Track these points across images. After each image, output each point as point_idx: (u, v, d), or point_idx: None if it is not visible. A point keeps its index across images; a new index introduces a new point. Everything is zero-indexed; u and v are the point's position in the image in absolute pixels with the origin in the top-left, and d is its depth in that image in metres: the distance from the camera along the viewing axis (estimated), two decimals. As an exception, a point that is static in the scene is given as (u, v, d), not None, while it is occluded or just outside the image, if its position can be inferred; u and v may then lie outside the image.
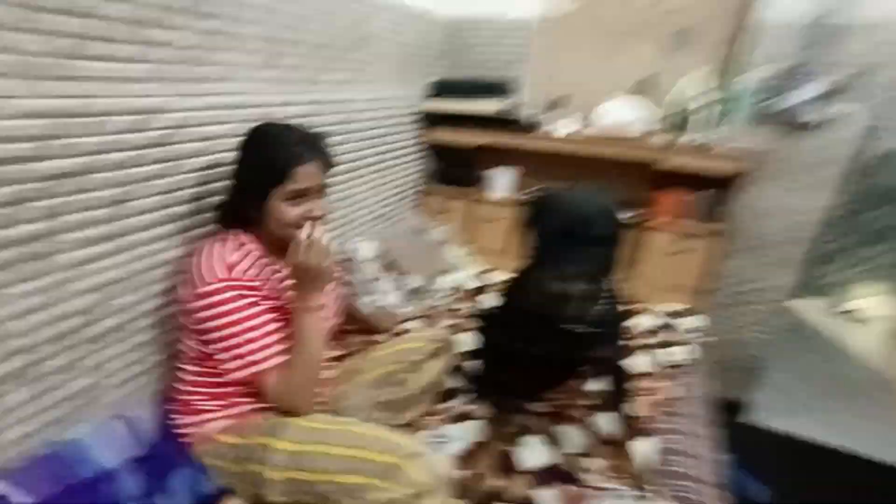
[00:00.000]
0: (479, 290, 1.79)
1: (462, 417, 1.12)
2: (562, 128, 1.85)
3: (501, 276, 1.97)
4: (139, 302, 0.93)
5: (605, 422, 1.10)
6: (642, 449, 1.03)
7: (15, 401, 0.77)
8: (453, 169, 2.10)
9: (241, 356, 0.83)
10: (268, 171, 0.85)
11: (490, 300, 1.78)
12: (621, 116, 1.77)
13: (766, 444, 1.99)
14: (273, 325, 0.86)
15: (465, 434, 1.06)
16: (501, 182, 1.99)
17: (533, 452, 1.02)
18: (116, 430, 0.88)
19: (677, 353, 1.47)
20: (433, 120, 1.99)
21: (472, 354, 1.22)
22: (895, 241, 3.29)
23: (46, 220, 0.75)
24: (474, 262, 2.03)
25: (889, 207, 3.53)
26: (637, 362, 1.36)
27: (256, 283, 0.87)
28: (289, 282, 0.92)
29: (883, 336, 2.92)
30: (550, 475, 0.96)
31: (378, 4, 1.54)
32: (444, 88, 1.97)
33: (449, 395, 1.19)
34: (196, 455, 0.90)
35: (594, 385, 1.17)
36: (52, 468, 0.77)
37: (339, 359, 1.17)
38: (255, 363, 0.83)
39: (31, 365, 0.78)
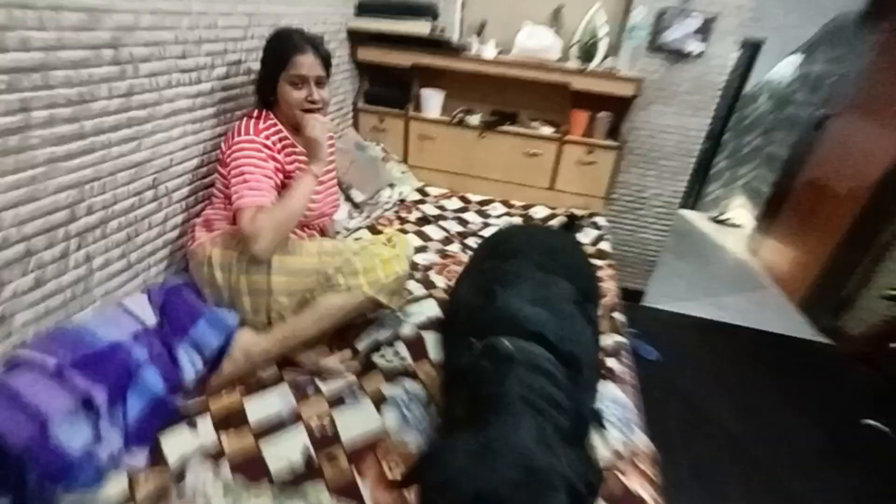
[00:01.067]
0: (422, 201, 1.98)
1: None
2: (486, 52, 1.99)
3: (438, 190, 2.17)
4: (115, 202, 1.00)
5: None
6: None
7: (23, 285, 0.85)
8: (387, 88, 2.18)
9: (237, 191, 1.01)
10: (275, 59, 1.09)
11: (430, 209, 1.98)
12: (539, 42, 1.95)
13: (659, 321, 2.47)
14: (270, 179, 1.05)
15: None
16: (433, 101, 2.12)
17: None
18: (115, 314, 0.98)
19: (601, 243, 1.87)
20: (363, 39, 2.02)
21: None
22: (755, 164, 3.98)
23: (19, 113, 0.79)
24: (413, 177, 2.19)
25: (750, 136, 4.21)
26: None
27: (273, 146, 1.09)
28: (300, 155, 1.16)
29: (739, 238, 3.64)
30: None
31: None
32: (370, 8, 1.98)
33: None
34: (196, 268, 1.11)
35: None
36: (65, 341, 0.87)
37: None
38: (241, 197, 1.00)
39: (30, 254, 0.85)
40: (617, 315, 1.38)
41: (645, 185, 2.29)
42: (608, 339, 1.26)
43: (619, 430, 1.00)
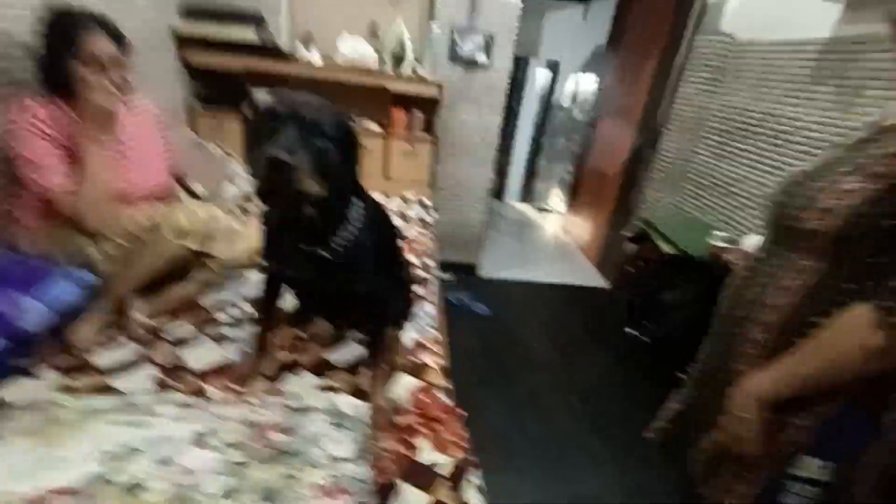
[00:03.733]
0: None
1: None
2: (314, 58, 2.27)
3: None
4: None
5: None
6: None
7: None
8: (221, 91, 2.30)
9: (34, 179, 1.09)
10: (60, 38, 1.08)
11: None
12: (357, 52, 2.29)
13: (492, 286, 2.97)
14: (56, 160, 1.10)
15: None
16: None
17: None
18: None
19: (425, 217, 2.19)
20: (191, 43, 2.13)
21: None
22: (564, 161, 4.91)
23: None
24: (255, 175, 2.34)
25: (558, 138, 5.15)
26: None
27: (50, 130, 1.09)
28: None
29: (556, 221, 4.46)
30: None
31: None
32: (195, 11, 2.09)
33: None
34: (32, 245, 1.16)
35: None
36: None
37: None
38: (45, 188, 1.09)
39: None
40: (427, 260, 1.76)
41: (462, 175, 2.78)
42: (423, 273, 1.63)
43: (425, 327, 1.35)
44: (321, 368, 1.15)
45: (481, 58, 2.49)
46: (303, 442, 0.82)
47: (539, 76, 4.93)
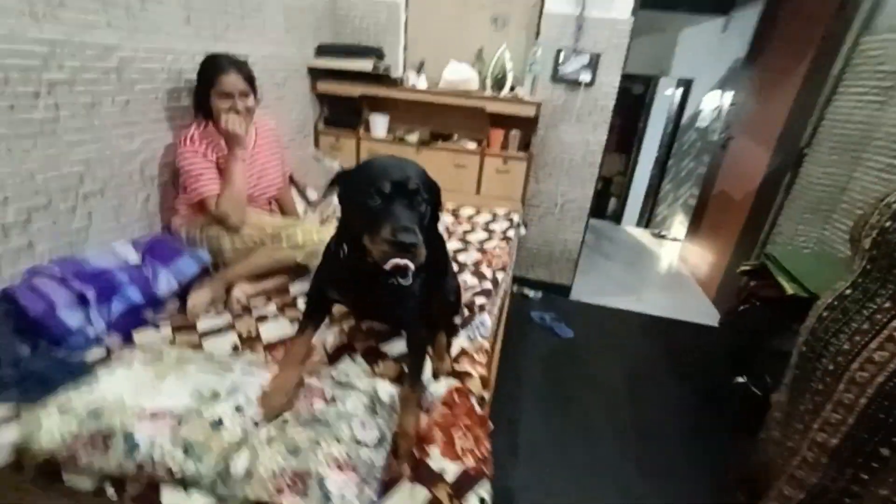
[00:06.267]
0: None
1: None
2: (419, 83, 2.48)
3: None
4: (112, 177, 1.41)
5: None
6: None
7: (45, 225, 1.24)
8: (342, 114, 2.65)
9: (195, 188, 1.45)
10: (205, 77, 1.46)
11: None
12: (460, 75, 2.44)
13: (582, 310, 2.83)
14: (210, 170, 1.47)
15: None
16: (379, 124, 2.59)
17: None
18: (106, 253, 1.35)
19: (509, 232, 2.22)
20: (321, 75, 2.51)
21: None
22: (690, 185, 4.44)
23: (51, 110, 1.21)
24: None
25: (686, 161, 4.70)
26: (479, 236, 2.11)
27: (204, 150, 1.47)
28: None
29: (673, 249, 4.03)
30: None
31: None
32: (328, 50, 2.49)
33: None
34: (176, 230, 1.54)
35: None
36: (68, 264, 1.25)
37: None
38: (199, 193, 1.45)
39: (52, 204, 1.25)
40: (500, 274, 1.77)
41: (560, 193, 2.72)
42: (487, 284, 1.65)
43: (477, 336, 1.37)
44: (372, 356, 1.25)
45: (585, 77, 2.44)
46: (336, 416, 0.92)
47: (669, 95, 4.57)
